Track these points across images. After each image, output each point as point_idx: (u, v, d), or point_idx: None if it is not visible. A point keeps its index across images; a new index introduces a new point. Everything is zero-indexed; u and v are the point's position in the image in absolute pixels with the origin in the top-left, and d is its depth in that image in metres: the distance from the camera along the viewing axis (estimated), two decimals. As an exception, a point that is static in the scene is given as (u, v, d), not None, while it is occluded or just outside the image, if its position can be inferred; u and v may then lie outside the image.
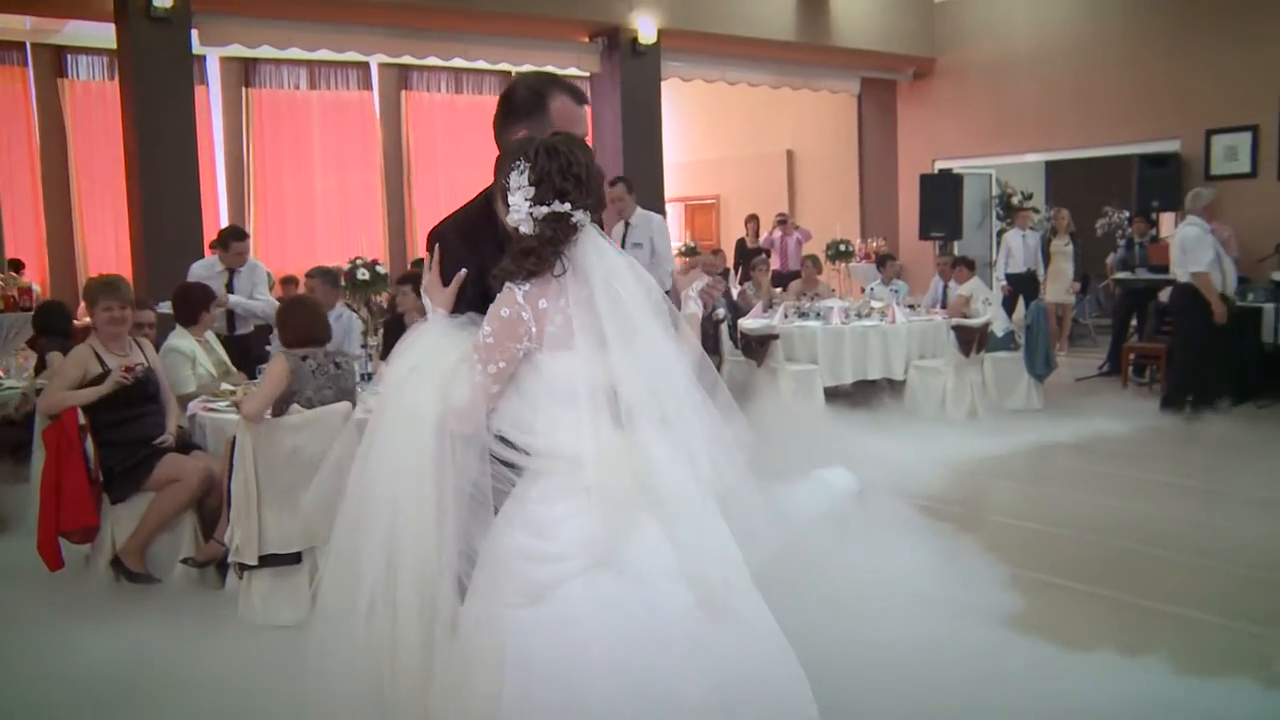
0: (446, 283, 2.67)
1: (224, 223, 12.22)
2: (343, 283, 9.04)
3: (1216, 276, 8.81)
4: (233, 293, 8.09)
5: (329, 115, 14.38)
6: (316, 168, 14.28)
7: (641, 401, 2.44)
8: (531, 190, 2.46)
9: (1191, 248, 8.84)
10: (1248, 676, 3.87)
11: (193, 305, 6.56)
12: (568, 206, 2.46)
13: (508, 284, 2.47)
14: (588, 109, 2.85)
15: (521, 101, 2.79)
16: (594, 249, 2.50)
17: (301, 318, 5.28)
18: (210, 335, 6.82)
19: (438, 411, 2.49)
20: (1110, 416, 9.22)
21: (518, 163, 2.48)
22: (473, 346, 2.49)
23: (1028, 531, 6.20)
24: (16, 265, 11.62)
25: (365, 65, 14.36)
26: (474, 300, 2.62)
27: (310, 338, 5.19)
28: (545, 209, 2.45)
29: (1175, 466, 7.61)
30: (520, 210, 2.47)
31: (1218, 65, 12.36)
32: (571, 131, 2.65)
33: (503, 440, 2.48)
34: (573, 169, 2.47)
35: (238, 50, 12.25)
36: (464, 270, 2.65)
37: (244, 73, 13.86)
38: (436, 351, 2.58)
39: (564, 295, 2.46)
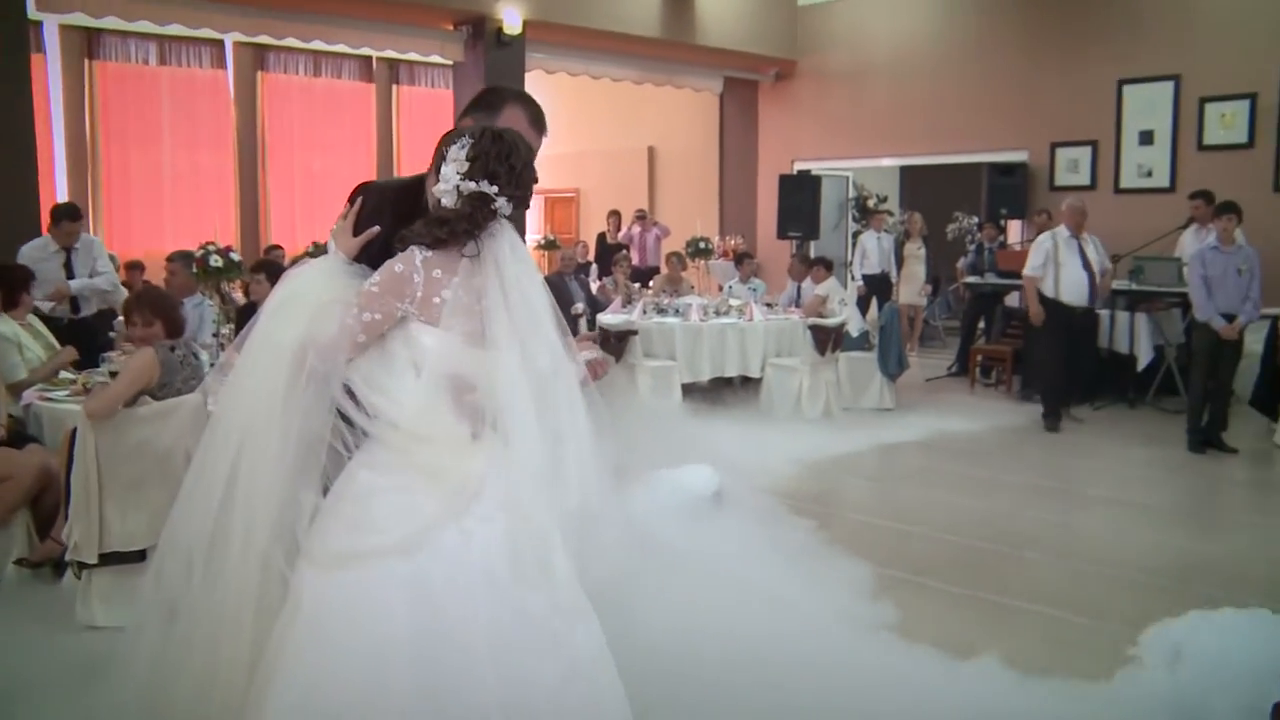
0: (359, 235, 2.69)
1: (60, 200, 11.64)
2: (194, 269, 8.70)
3: (1045, 282, 9.08)
4: (72, 274, 7.74)
5: (180, 93, 13.81)
6: (166, 147, 13.71)
7: (520, 408, 2.45)
8: (465, 165, 2.50)
9: (1032, 252, 9.25)
10: (1097, 671, 3.98)
11: (11, 287, 6.22)
12: (494, 190, 2.49)
13: (412, 246, 2.48)
14: (544, 139, 2.88)
15: (482, 98, 2.89)
16: (510, 246, 2.53)
17: (165, 304, 5.00)
18: (33, 318, 6.51)
19: (300, 341, 2.46)
20: (959, 416, 9.50)
21: (462, 138, 2.52)
22: (356, 291, 2.48)
23: (883, 530, 6.31)
24: None
25: (220, 43, 13.83)
26: (375, 261, 2.60)
27: (178, 327, 4.94)
28: (472, 185, 2.48)
29: (1021, 465, 7.86)
30: (449, 181, 2.50)
31: (1063, 83, 12.84)
32: None
33: (351, 397, 2.45)
34: (510, 158, 2.52)
35: (80, 19, 11.69)
36: (377, 228, 2.66)
37: (87, 43, 13.20)
38: (317, 286, 2.58)
39: (464, 277, 2.47)
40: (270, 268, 8.00)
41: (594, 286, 12.28)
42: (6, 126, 9.14)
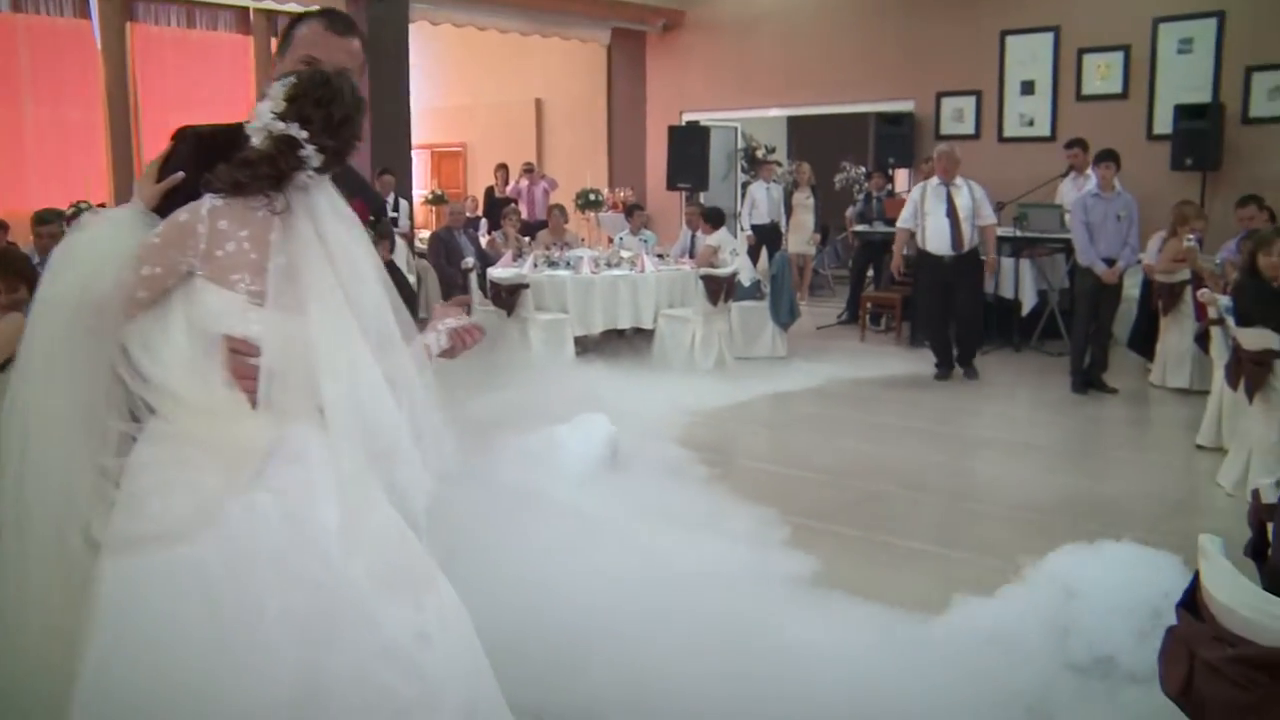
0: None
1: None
2: (65, 228, 8.30)
3: (921, 235, 9.02)
4: None
5: (40, 43, 13.11)
6: (26, 100, 13.04)
7: (332, 376, 2.21)
8: (282, 105, 2.23)
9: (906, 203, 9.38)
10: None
11: None
12: (304, 135, 2.22)
13: (206, 194, 2.22)
14: (355, 41, 2.57)
15: (283, 34, 2.61)
16: (329, 203, 2.29)
17: (27, 267, 4.72)
18: None
19: (77, 298, 2.22)
20: (851, 363, 9.61)
21: (289, 77, 2.28)
22: (140, 243, 2.22)
23: (780, 476, 6.35)
24: None
25: (81, -11, 13.22)
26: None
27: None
28: (281, 126, 2.22)
29: (913, 410, 7.97)
30: (261, 119, 2.24)
31: (948, 33, 12.95)
32: (315, 56, 2.45)
33: (126, 358, 2.21)
34: (331, 105, 2.25)
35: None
36: (181, 174, 2.37)
37: (-67, -12, 12.51)
38: (104, 237, 2.31)
39: (257, 230, 2.21)
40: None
41: (483, 241, 12.10)
42: None
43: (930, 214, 8.93)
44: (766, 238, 12.77)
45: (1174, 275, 8.36)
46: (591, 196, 15.17)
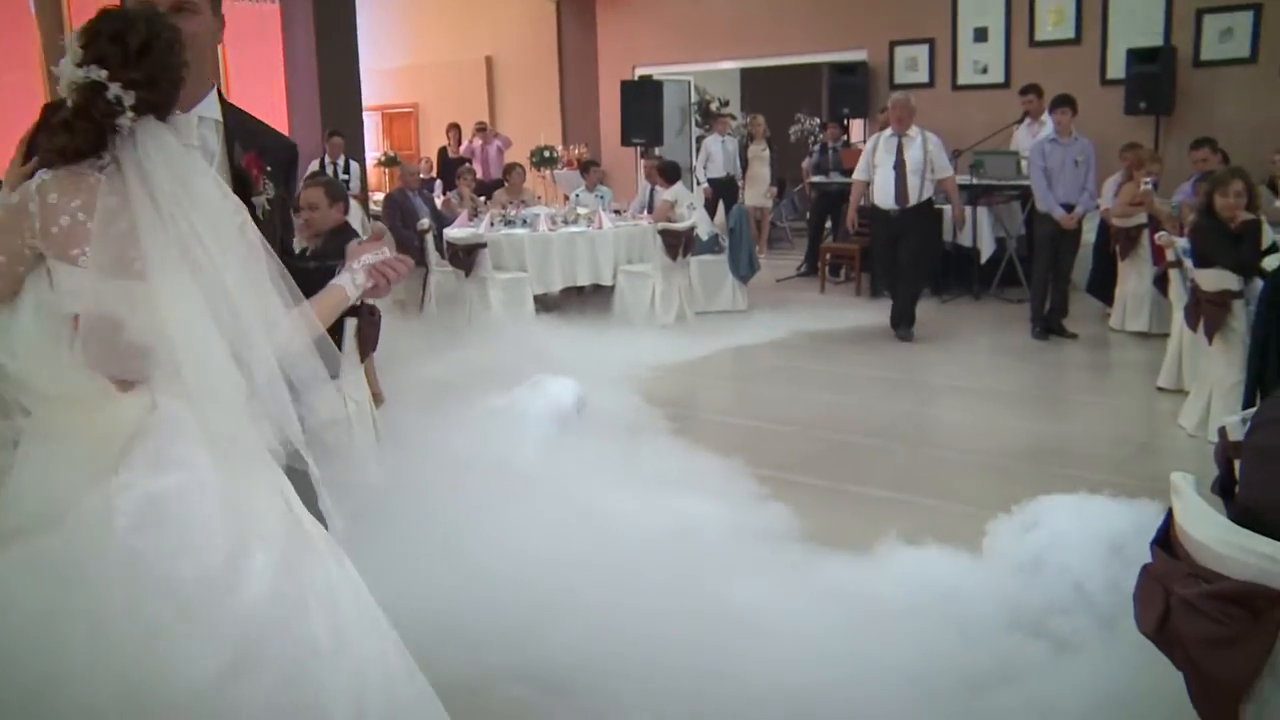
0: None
1: None
2: None
3: (871, 187, 8.69)
4: None
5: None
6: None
7: (193, 344, 2.06)
8: (79, 53, 2.05)
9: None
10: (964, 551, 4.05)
11: None
12: (104, 75, 2.02)
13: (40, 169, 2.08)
14: None
15: None
16: (162, 153, 2.08)
17: None
18: None
19: None
20: (811, 315, 9.60)
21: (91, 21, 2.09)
22: None
23: (745, 429, 6.34)
24: None
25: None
26: None
27: None
28: (82, 74, 2.03)
29: (874, 360, 7.98)
30: (64, 74, 2.06)
31: (898, -23, 12.90)
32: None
33: None
34: (126, 36, 2.05)
35: None
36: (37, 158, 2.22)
37: None
38: None
39: (91, 195, 2.04)
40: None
41: (438, 202, 11.96)
42: None
43: (880, 166, 8.63)
44: (723, 191, 12.72)
45: (1131, 219, 8.39)
46: (546, 154, 15.02)
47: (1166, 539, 2.23)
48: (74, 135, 2.04)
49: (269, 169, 2.59)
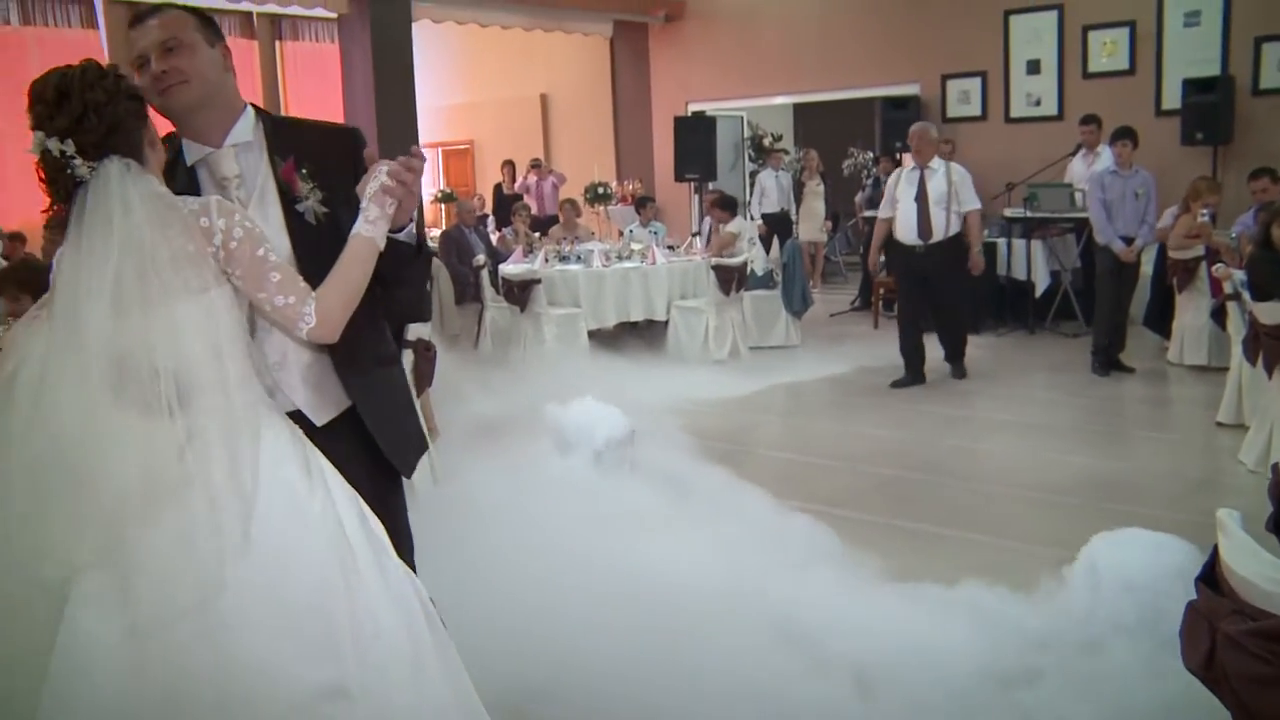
0: None
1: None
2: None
3: (898, 225, 8.24)
4: None
5: (50, 55, 13.15)
6: (37, 111, 13.10)
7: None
8: (36, 132, 2.18)
9: None
10: (1019, 591, 4.03)
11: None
12: (40, 136, 2.15)
13: None
14: (151, 20, 2.46)
15: None
16: (94, 194, 2.14)
17: (31, 276, 4.73)
18: None
19: None
20: (865, 350, 9.58)
21: None
22: None
23: (798, 464, 6.35)
24: None
25: (89, 1, 13.25)
26: None
27: None
28: (35, 142, 2.17)
29: (929, 395, 7.95)
30: (36, 148, 2.18)
31: (951, 14, 12.90)
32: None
33: None
34: (44, 91, 2.16)
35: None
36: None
37: (-67, 5, 12.57)
38: None
39: (69, 250, 2.15)
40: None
41: (493, 238, 12.11)
42: None
43: (900, 200, 8.20)
44: (777, 226, 12.76)
45: (1189, 251, 8.31)
46: (600, 190, 15.17)
47: (1212, 575, 2.23)
48: (52, 197, 2.19)
49: (305, 170, 2.55)
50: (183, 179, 2.50)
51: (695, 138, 14.07)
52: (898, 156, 13.17)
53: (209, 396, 2.13)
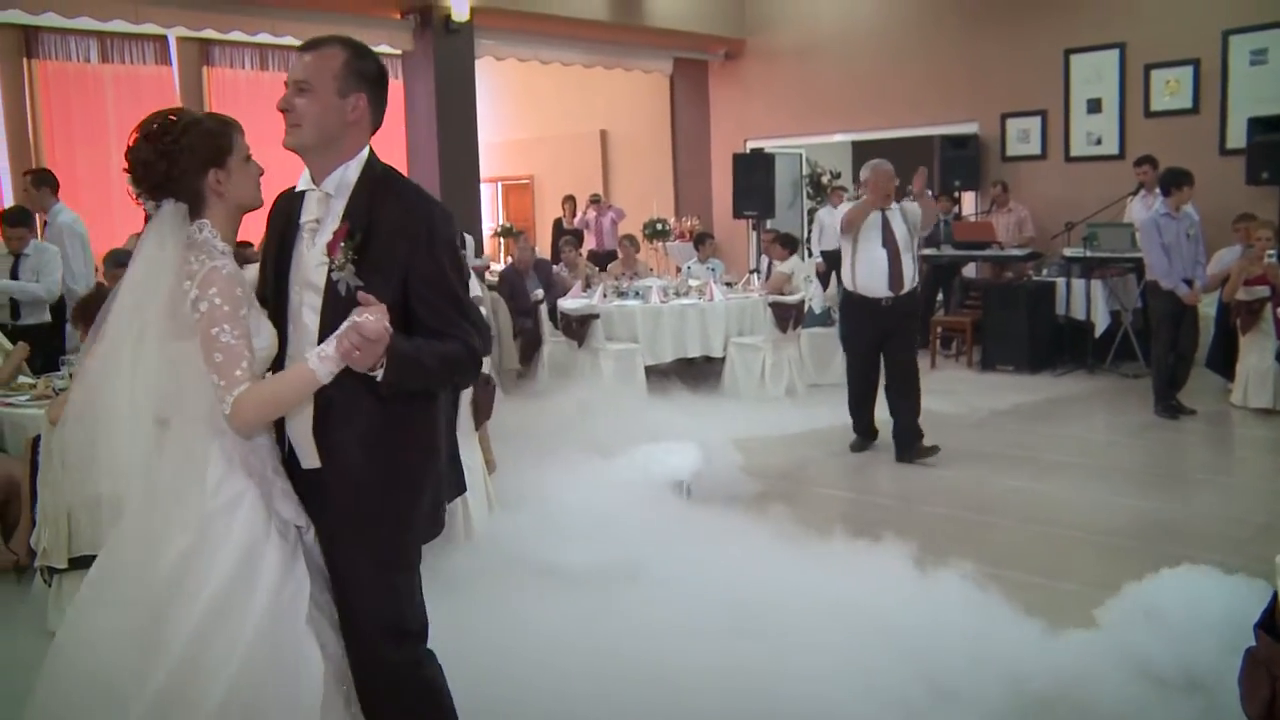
0: None
1: (6, 205, 11.43)
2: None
3: (859, 276, 7.34)
4: (16, 279, 7.58)
5: (124, 91, 13.56)
6: (113, 146, 13.41)
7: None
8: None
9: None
10: (1077, 630, 4.02)
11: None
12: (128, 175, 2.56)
13: None
14: (306, 56, 2.70)
15: None
16: (150, 230, 2.56)
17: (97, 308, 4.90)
18: None
19: None
20: (924, 389, 9.51)
21: None
22: None
23: (853, 503, 6.36)
24: None
25: (163, 39, 13.61)
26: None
27: None
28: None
29: (985, 434, 7.92)
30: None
31: (1010, 53, 12.90)
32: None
33: None
34: (130, 139, 2.56)
35: (15, 16, 11.47)
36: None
37: (23, 42, 12.97)
38: None
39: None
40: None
41: (553, 270, 12.22)
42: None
43: (862, 248, 7.26)
44: (835, 263, 12.73)
45: (1253, 293, 8.23)
46: (659, 226, 15.26)
47: (1272, 621, 2.23)
48: None
49: (353, 239, 2.54)
50: (296, 201, 2.70)
51: (754, 175, 14.14)
52: (956, 195, 13.21)
53: (174, 424, 2.50)
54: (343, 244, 2.55)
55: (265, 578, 2.48)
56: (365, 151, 2.67)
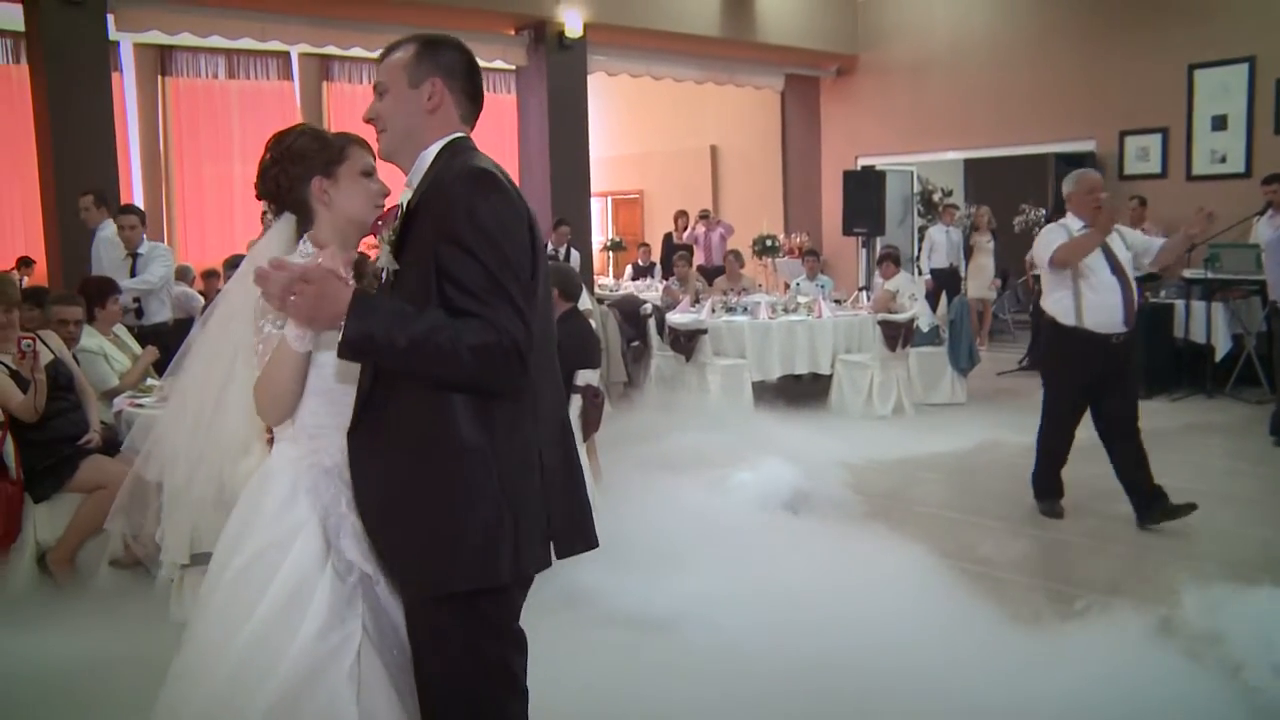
0: None
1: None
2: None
3: (1088, 310, 6.00)
4: (134, 277, 7.88)
5: (248, 105, 14.09)
6: (236, 159, 13.97)
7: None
8: None
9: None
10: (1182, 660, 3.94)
11: (94, 299, 6.33)
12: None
13: None
14: (389, 57, 2.58)
15: None
16: (253, 250, 2.91)
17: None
18: (120, 329, 6.63)
19: None
20: (1031, 410, 9.29)
21: None
22: None
23: (959, 524, 6.29)
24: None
25: (285, 55, 14.08)
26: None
27: None
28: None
29: (1097, 458, 7.72)
30: None
31: (1130, 69, 12.64)
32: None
33: None
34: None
35: (153, 37, 11.95)
36: None
37: (159, 60, 13.54)
38: None
39: None
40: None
41: (659, 288, 12.31)
42: (92, 144, 9.41)
43: (1094, 273, 5.96)
44: (945, 282, 12.64)
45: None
46: (768, 242, 15.27)
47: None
48: None
49: (384, 235, 2.47)
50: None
51: (864, 192, 14.09)
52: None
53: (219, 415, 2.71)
54: (383, 234, 2.47)
55: (310, 622, 2.35)
56: (447, 139, 2.49)
